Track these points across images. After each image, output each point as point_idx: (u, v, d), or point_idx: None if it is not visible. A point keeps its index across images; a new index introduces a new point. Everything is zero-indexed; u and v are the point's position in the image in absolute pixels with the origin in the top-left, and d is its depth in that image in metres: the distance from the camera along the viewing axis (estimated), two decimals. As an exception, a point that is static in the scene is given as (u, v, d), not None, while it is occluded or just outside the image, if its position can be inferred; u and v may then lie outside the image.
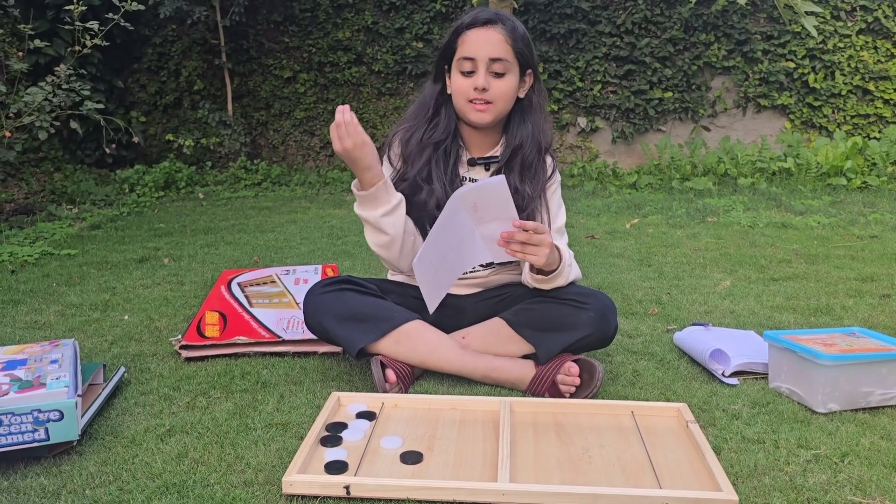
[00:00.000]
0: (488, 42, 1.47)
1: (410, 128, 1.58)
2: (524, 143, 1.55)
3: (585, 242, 3.07)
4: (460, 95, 1.51)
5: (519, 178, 1.55)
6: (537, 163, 1.57)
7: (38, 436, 1.17)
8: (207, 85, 5.41)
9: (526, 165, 1.56)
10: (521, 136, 1.55)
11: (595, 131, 5.22)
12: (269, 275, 2.12)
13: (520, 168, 1.56)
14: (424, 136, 1.55)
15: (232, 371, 1.60)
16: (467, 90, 1.49)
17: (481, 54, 1.47)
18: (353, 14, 5.32)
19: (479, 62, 1.48)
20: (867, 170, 4.61)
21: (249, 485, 1.13)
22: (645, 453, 1.21)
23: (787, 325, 1.95)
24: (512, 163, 1.56)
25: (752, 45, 4.93)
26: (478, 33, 1.48)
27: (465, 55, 1.48)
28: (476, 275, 1.63)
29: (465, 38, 1.49)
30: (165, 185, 4.67)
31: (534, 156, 1.56)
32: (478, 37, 1.48)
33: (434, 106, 1.57)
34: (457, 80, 1.51)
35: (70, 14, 3.62)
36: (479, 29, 1.48)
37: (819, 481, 1.14)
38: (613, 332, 1.52)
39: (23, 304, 2.16)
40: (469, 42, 1.48)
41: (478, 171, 1.59)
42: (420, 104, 1.60)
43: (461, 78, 1.50)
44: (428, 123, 1.56)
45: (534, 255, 1.35)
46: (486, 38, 1.47)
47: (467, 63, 1.48)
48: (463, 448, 1.23)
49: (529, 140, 1.55)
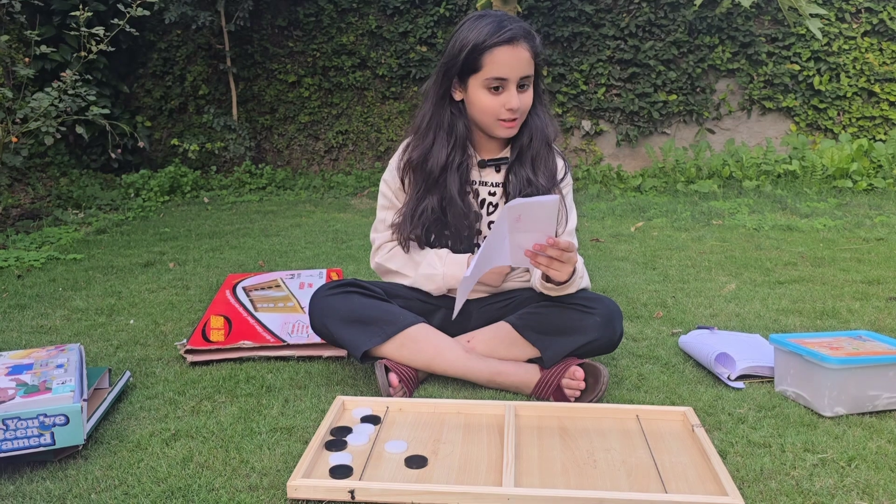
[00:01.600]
0: (519, 61, 1.45)
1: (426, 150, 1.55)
2: (532, 139, 1.55)
3: (590, 245, 3.07)
4: (488, 114, 1.49)
5: (532, 170, 1.55)
6: (546, 155, 1.57)
7: (44, 440, 1.17)
8: (212, 90, 5.43)
9: (536, 157, 1.56)
10: (529, 132, 1.55)
11: (599, 134, 5.21)
12: (273, 279, 2.13)
13: (531, 161, 1.56)
14: (449, 158, 1.53)
15: (237, 375, 1.61)
16: (498, 109, 1.48)
17: (513, 75, 1.45)
18: (357, 18, 5.33)
19: (511, 83, 1.46)
20: (873, 172, 4.60)
21: (254, 489, 1.13)
22: (650, 457, 1.21)
23: (793, 328, 1.94)
24: (523, 158, 1.56)
25: (757, 47, 4.92)
26: (507, 53, 1.45)
27: (497, 76, 1.45)
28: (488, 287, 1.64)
29: (494, 59, 1.45)
30: (171, 190, 4.68)
31: (540, 146, 1.56)
32: (508, 57, 1.45)
33: (448, 122, 1.54)
34: (483, 98, 1.48)
35: (76, 20, 3.64)
36: (508, 48, 1.44)
37: (826, 485, 1.13)
38: (619, 337, 1.52)
39: (29, 309, 2.17)
40: (499, 63, 1.45)
41: (488, 173, 1.59)
42: (431, 119, 1.55)
43: (488, 95, 1.48)
44: (447, 144, 1.54)
45: (558, 270, 1.36)
46: (517, 56, 1.45)
47: (496, 82, 1.46)
48: (468, 452, 1.23)
49: (535, 133, 1.55)
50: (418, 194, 1.57)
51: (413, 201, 1.58)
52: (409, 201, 1.59)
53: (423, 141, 1.56)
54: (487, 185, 1.59)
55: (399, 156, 1.61)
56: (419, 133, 1.57)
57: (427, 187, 1.56)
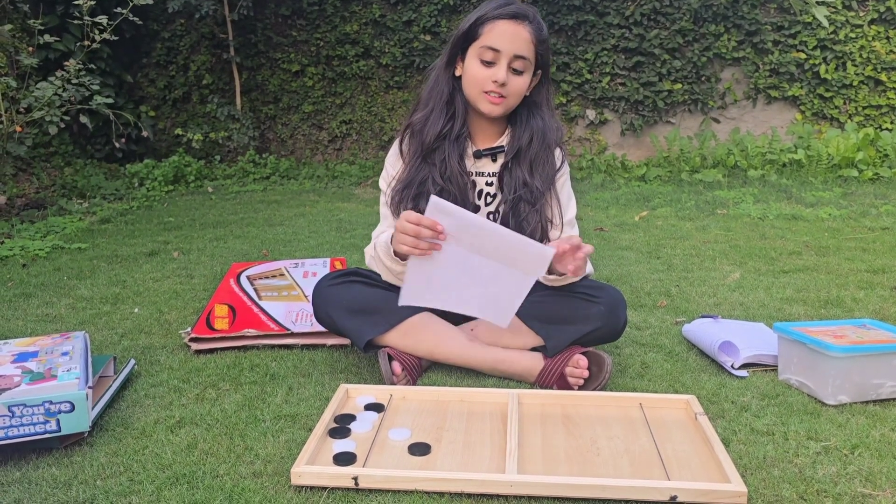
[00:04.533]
0: (517, 38, 1.45)
1: (425, 117, 1.55)
2: (532, 137, 1.54)
3: (594, 235, 3.06)
4: (475, 84, 1.49)
5: (528, 172, 1.54)
6: (544, 156, 1.56)
7: (50, 427, 1.18)
8: (216, 79, 5.42)
9: (535, 159, 1.55)
10: (530, 129, 1.54)
11: (604, 123, 5.20)
12: (277, 268, 2.13)
13: (529, 162, 1.55)
14: (443, 128, 1.53)
15: (241, 363, 1.61)
16: (484, 81, 1.47)
17: (507, 48, 1.45)
18: (361, 7, 5.31)
19: (503, 56, 1.45)
20: (879, 161, 4.57)
21: (258, 476, 1.13)
22: (653, 445, 1.21)
23: (797, 317, 1.94)
24: (520, 157, 1.55)
25: (763, 35, 4.89)
26: (506, 26, 1.45)
27: (490, 45, 1.45)
28: None
29: (493, 29, 1.46)
30: (175, 180, 4.69)
31: (539, 148, 1.55)
32: (506, 29, 1.45)
33: (448, 91, 1.54)
34: (474, 67, 1.48)
35: (79, 9, 3.63)
36: (509, 22, 1.45)
37: (829, 473, 1.14)
38: (623, 326, 1.52)
39: (34, 298, 2.17)
40: (496, 33, 1.45)
41: (484, 163, 1.58)
42: (433, 89, 1.56)
43: (479, 66, 1.47)
44: (444, 113, 1.53)
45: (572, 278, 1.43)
46: (515, 33, 1.45)
47: (489, 53, 1.45)
48: (471, 440, 1.23)
49: (536, 134, 1.54)
50: (415, 164, 1.55)
51: (410, 171, 1.55)
52: (406, 170, 1.56)
53: (424, 109, 1.56)
54: (484, 176, 1.58)
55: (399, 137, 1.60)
56: (422, 102, 1.58)
57: (423, 156, 1.54)
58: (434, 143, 1.52)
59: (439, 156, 1.53)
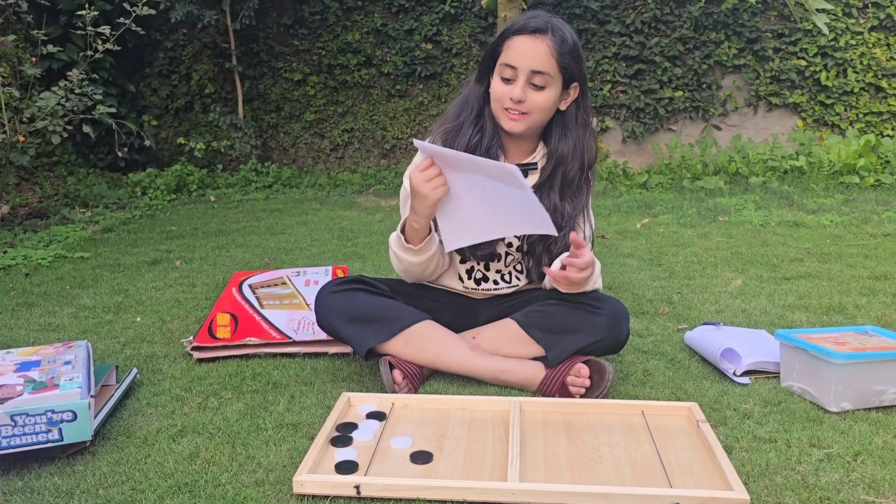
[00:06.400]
0: (533, 53, 1.43)
1: (453, 129, 1.54)
2: (566, 158, 1.52)
3: (596, 242, 3.06)
4: (497, 101, 1.49)
5: (559, 195, 1.52)
6: (580, 179, 1.54)
7: (52, 436, 1.18)
8: (218, 88, 5.44)
9: (567, 182, 1.53)
10: (563, 149, 1.52)
11: (605, 131, 5.20)
12: (279, 276, 2.13)
13: (560, 184, 1.53)
14: (471, 139, 1.52)
15: (243, 372, 1.61)
16: (503, 98, 1.46)
17: (524, 65, 1.43)
18: (363, 16, 5.33)
19: (520, 72, 1.44)
20: (880, 168, 4.57)
21: (260, 484, 1.13)
22: (655, 452, 1.21)
23: (800, 324, 1.93)
24: (553, 179, 1.53)
25: (763, 43, 4.90)
26: (524, 41, 1.43)
27: (507, 62, 1.44)
28: (499, 292, 1.63)
29: (511, 44, 1.44)
30: (177, 188, 4.70)
31: (576, 172, 1.52)
32: (523, 45, 1.43)
33: (478, 107, 1.54)
34: (496, 84, 1.48)
35: (82, 19, 3.65)
36: (527, 37, 1.43)
37: (831, 480, 1.13)
38: (625, 338, 1.51)
39: (37, 307, 2.18)
40: (514, 49, 1.44)
41: None
42: (463, 103, 1.56)
43: (500, 83, 1.47)
44: (473, 126, 1.53)
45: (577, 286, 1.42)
46: (532, 48, 1.43)
47: (508, 70, 1.45)
48: (473, 448, 1.23)
49: (571, 155, 1.52)
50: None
51: None
52: None
53: (455, 121, 1.55)
54: None
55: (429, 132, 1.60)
56: (450, 115, 1.57)
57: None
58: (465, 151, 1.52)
59: None
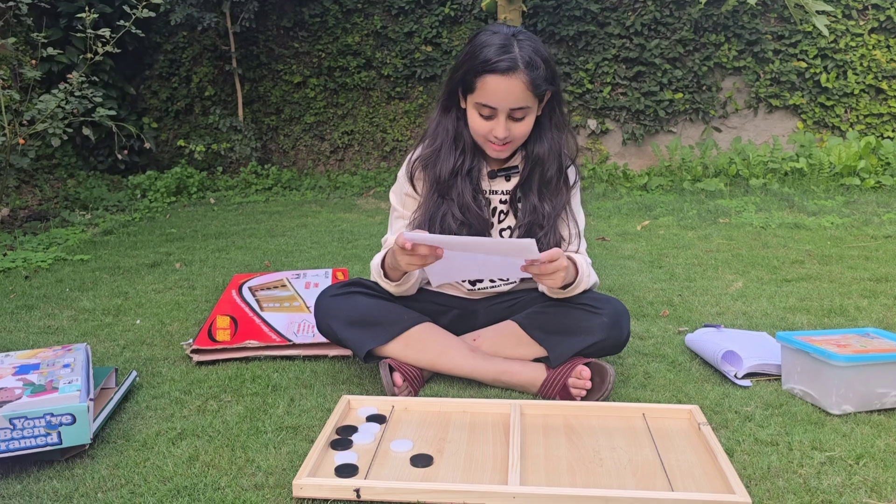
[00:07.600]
0: (510, 94, 1.40)
1: (435, 153, 1.53)
2: (543, 160, 1.52)
3: (596, 244, 3.06)
4: (479, 135, 1.48)
5: (538, 196, 1.53)
6: (558, 180, 1.54)
7: (51, 439, 1.17)
8: (218, 91, 5.44)
9: (545, 182, 1.53)
10: (539, 152, 1.52)
11: (605, 133, 5.20)
12: (279, 279, 2.13)
13: (538, 185, 1.53)
14: (455, 163, 1.52)
15: (243, 375, 1.61)
16: (487, 134, 1.46)
17: (502, 105, 1.42)
18: (363, 18, 5.33)
19: (500, 112, 1.43)
20: (881, 169, 4.57)
21: (260, 488, 1.13)
22: (656, 455, 1.20)
23: (801, 326, 1.93)
24: (531, 180, 1.53)
25: (763, 45, 4.90)
26: (499, 82, 1.39)
27: (485, 102, 1.42)
28: (496, 289, 1.63)
29: (485, 84, 1.41)
30: (177, 191, 4.70)
31: (554, 173, 1.53)
32: (499, 87, 1.40)
33: (454, 130, 1.52)
34: (474, 117, 1.46)
35: (82, 22, 3.65)
36: (501, 77, 1.39)
37: (833, 483, 1.13)
38: (626, 338, 1.51)
39: (36, 309, 2.17)
40: (489, 90, 1.41)
41: (498, 182, 1.56)
42: (438, 125, 1.55)
43: (479, 119, 1.45)
44: (453, 149, 1.52)
45: (550, 280, 1.37)
46: (508, 88, 1.40)
47: (486, 109, 1.43)
48: (473, 451, 1.23)
49: (548, 156, 1.52)
50: (432, 200, 1.54)
51: (428, 207, 1.54)
52: (423, 206, 1.55)
53: (433, 144, 1.55)
54: (498, 194, 1.57)
55: (409, 161, 1.59)
56: (430, 137, 1.56)
57: (440, 192, 1.53)
58: (449, 181, 1.52)
59: (455, 191, 1.52)
